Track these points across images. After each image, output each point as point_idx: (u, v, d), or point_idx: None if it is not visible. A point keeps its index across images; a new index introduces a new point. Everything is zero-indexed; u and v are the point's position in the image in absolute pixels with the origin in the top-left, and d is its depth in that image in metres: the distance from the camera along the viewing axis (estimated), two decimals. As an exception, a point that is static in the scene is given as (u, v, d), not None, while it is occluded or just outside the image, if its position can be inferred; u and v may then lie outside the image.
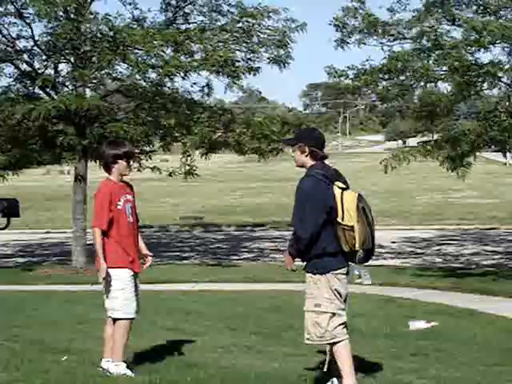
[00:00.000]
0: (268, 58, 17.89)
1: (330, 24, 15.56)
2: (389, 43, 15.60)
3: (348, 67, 15.71)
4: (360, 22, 15.25)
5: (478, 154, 15.74)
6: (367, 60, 15.48)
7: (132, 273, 7.09)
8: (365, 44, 15.60)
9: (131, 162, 7.37)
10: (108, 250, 7.02)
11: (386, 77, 15.42)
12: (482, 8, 15.07)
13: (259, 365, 7.48)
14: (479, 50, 14.34)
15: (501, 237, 23.51)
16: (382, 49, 15.62)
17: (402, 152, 16.03)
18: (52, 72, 17.76)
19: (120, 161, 7.15)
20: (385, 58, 15.27)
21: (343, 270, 6.42)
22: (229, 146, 18.67)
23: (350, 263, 6.43)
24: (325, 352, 8.11)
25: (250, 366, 7.20)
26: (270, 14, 17.77)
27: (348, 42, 15.64)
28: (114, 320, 7.10)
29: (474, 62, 14.29)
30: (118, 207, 7.09)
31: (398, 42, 15.63)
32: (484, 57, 15.49)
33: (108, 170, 7.21)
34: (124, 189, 7.21)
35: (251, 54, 17.77)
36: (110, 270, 7.02)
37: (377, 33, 15.34)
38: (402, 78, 15.38)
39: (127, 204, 7.17)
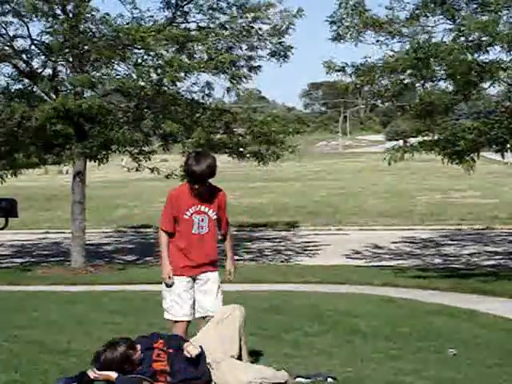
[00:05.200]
0: (269, 49, 17.91)
1: (327, 21, 15.53)
2: (387, 41, 15.55)
3: (346, 63, 15.66)
4: (356, 19, 15.18)
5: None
6: (365, 58, 15.44)
7: (188, 279, 7.15)
8: (361, 42, 15.55)
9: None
10: (170, 257, 7.13)
11: (385, 76, 15.35)
12: (481, 7, 15.00)
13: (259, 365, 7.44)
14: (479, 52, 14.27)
15: (501, 237, 23.47)
16: (380, 47, 15.58)
17: (404, 147, 15.97)
18: (50, 72, 17.74)
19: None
20: (383, 57, 15.23)
21: None
22: (229, 149, 18.60)
23: None
24: (327, 353, 8.10)
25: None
26: (268, 8, 17.82)
27: (344, 39, 15.56)
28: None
29: (473, 61, 14.21)
30: (185, 216, 7.06)
31: (396, 39, 15.57)
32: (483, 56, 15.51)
33: None
34: (199, 199, 7.07)
35: (251, 52, 17.80)
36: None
37: (374, 29, 15.27)
38: (401, 76, 15.31)
39: (198, 215, 7.07)
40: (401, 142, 27.01)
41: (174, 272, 7.14)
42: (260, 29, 17.85)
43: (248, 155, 18.97)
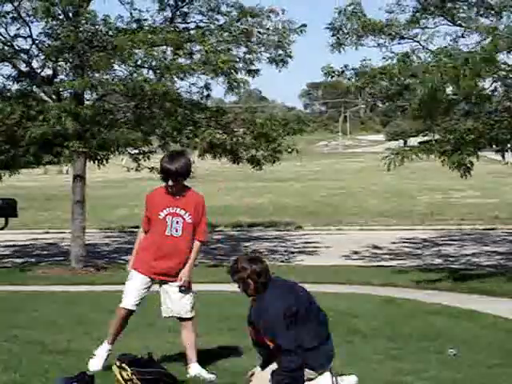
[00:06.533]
0: (268, 58, 17.87)
1: (328, 28, 15.50)
2: (386, 44, 15.52)
3: (345, 66, 15.61)
4: (356, 24, 15.14)
5: (479, 153, 15.60)
6: (364, 60, 15.39)
7: (148, 279, 7.19)
8: (362, 45, 15.52)
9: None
10: (140, 252, 7.24)
11: (385, 77, 15.30)
12: (484, 9, 14.95)
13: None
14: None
15: (501, 237, 23.44)
16: (381, 50, 15.56)
17: (404, 150, 15.89)
18: (51, 72, 17.72)
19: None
20: (384, 58, 15.20)
21: None
22: (226, 151, 18.53)
23: None
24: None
25: (250, 367, 7.15)
26: (270, 14, 17.77)
27: (344, 45, 15.53)
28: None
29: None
30: (159, 217, 7.03)
31: (396, 41, 15.55)
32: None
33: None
34: (175, 201, 7.03)
35: (250, 55, 17.74)
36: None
37: (374, 33, 15.23)
38: (401, 78, 15.27)
39: (173, 217, 7.01)
40: (401, 143, 26.94)
41: (138, 267, 7.21)
42: (259, 32, 17.79)
43: (244, 159, 18.90)
